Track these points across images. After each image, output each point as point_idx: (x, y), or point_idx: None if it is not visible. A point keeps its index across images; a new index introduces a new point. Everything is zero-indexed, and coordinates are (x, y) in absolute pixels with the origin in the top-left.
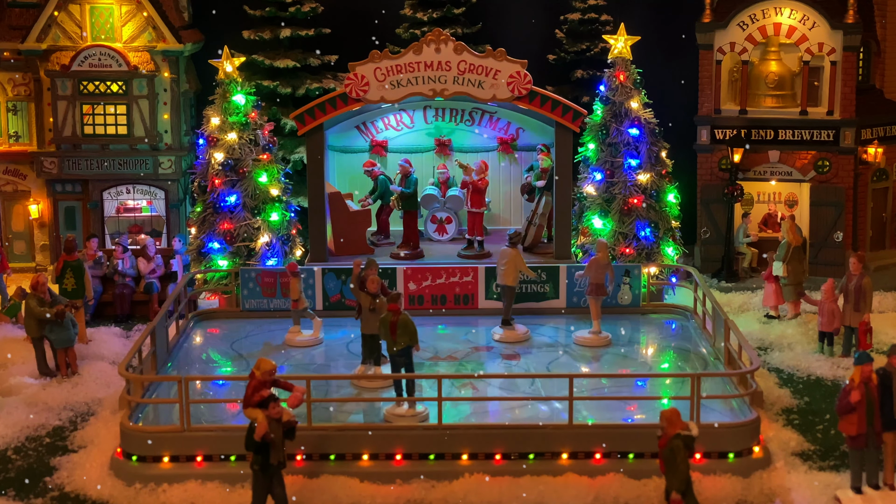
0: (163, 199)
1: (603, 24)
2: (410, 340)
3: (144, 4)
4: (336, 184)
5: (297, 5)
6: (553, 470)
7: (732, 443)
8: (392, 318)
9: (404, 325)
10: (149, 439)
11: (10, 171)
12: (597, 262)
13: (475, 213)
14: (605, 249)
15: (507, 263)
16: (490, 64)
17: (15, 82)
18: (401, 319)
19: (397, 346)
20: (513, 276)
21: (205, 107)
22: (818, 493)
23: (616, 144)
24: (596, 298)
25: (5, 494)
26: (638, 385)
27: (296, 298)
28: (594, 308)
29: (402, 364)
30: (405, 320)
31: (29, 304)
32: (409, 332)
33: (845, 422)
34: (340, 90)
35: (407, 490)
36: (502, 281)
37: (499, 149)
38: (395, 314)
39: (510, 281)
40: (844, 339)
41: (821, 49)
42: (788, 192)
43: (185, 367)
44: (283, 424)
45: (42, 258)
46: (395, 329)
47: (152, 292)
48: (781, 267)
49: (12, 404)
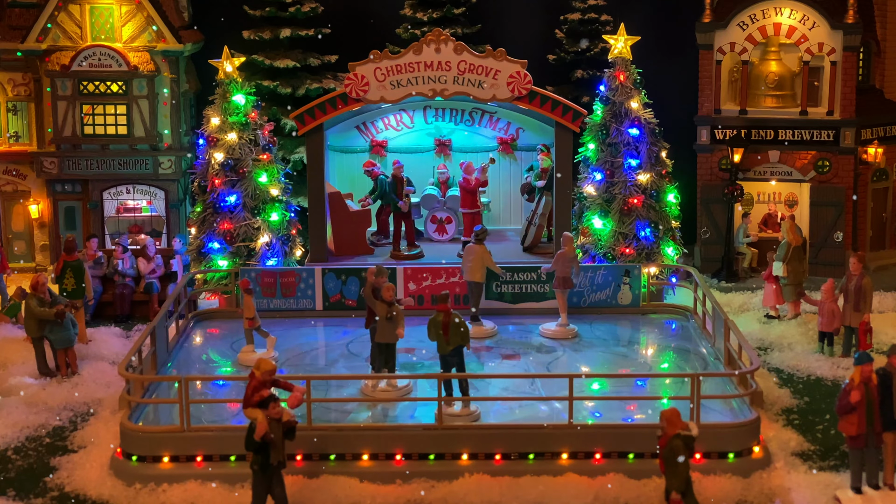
0: (163, 199)
1: (603, 24)
2: (462, 340)
3: (144, 4)
4: (336, 184)
5: (297, 5)
6: (553, 470)
7: (732, 443)
8: (444, 318)
9: (456, 324)
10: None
11: (10, 171)
12: (563, 256)
13: (466, 213)
14: (570, 243)
15: (472, 260)
16: (490, 64)
17: (15, 82)
18: (453, 319)
19: (451, 345)
20: (479, 272)
21: (205, 107)
22: (818, 493)
23: (616, 144)
24: (563, 291)
25: (5, 494)
26: (638, 385)
27: (250, 316)
28: (561, 301)
29: (454, 364)
30: (457, 320)
31: (29, 304)
32: (460, 332)
33: (845, 422)
34: (340, 90)
35: (407, 490)
36: (469, 277)
37: (499, 149)
38: (447, 314)
39: (477, 277)
40: (844, 339)
41: (821, 49)
42: (788, 192)
43: (185, 367)
44: (283, 424)
45: (42, 258)
46: (447, 329)
47: (152, 292)
48: (781, 267)
49: (12, 404)
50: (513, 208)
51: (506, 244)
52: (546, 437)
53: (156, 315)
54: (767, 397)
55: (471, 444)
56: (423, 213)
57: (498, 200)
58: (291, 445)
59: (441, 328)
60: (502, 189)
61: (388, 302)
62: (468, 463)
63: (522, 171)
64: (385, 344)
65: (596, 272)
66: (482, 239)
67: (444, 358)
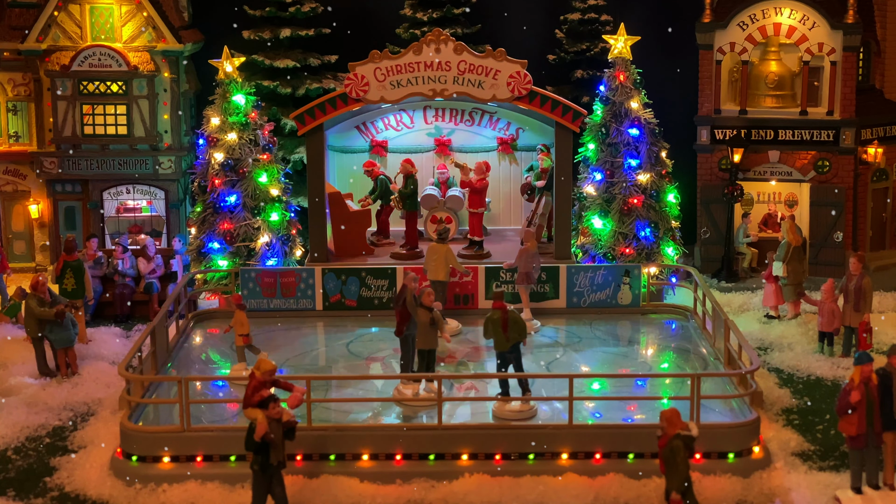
0: (163, 199)
1: (603, 24)
2: (519, 335)
3: (144, 4)
4: (336, 184)
5: (297, 5)
6: (553, 470)
7: (732, 443)
8: (502, 314)
9: (514, 320)
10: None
11: (10, 171)
12: (526, 252)
13: (473, 213)
14: (532, 239)
15: (436, 260)
16: (490, 64)
17: (15, 82)
18: (511, 315)
19: (511, 341)
20: (443, 271)
21: (205, 107)
22: (818, 493)
23: (616, 144)
24: (525, 287)
25: (5, 494)
26: (638, 385)
27: (244, 333)
28: (524, 296)
29: (512, 360)
30: (514, 316)
31: (29, 304)
32: (519, 327)
33: (845, 422)
34: (340, 90)
35: (407, 490)
36: (432, 277)
37: (499, 149)
38: (504, 310)
39: (441, 276)
40: (844, 339)
41: (821, 49)
42: (788, 192)
43: (185, 368)
44: (283, 424)
45: (42, 258)
46: (506, 325)
47: (152, 292)
48: (781, 267)
49: (12, 404)
50: (513, 208)
51: (505, 244)
52: (546, 437)
53: (156, 315)
54: (767, 397)
55: (471, 444)
56: (423, 213)
57: (498, 200)
58: (291, 445)
59: (500, 325)
60: (502, 189)
61: (429, 307)
62: (468, 463)
63: (522, 171)
64: (427, 350)
65: (596, 272)
66: (445, 238)
67: (502, 355)
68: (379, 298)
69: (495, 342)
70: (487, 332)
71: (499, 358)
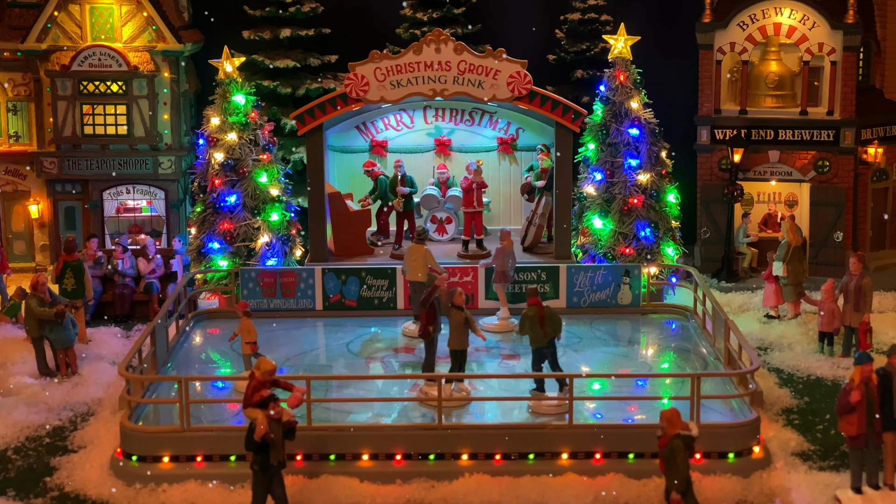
0: (163, 199)
1: (603, 24)
2: (555, 331)
3: (144, 4)
4: (336, 184)
5: (297, 5)
6: (553, 470)
7: (732, 443)
8: (538, 311)
9: (550, 315)
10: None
11: (10, 171)
12: (502, 251)
13: (467, 213)
14: (508, 238)
15: (413, 260)
16: (490, 64)
17: (15, 82)
18: (547, 311)
19: (548, 337)
20: (421, 272)
21: (205, 107)
22: (818, 493)
23: (616, 144)
24: (502, 286)
25: (5, 494)
26: (638, 385)
27: (251, 340)
28: (500, 295)
29: (549, 355)
30: (550, 311)
31: (29, 304)
32: (555, 322)
33: (845, 422)
34: (340, 90)
35: (407, 490)
36: (411, 277)
37: (499, 149)
38: (540, 306)
39: (419, 277)
40: (844, 339)
41: (821, 49)
42: (788, 192)
43: (185, 367)
44: (283, 424)
45: (42, 258)
46: (544, 321)
47: (152, 292)
48: (781, 267)
49: (12, 404)
50: (513, 208)
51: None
52: (546, 437)
53: (156, 315)
54: (767, 397)
55: (471, 444)
56: (423, 213)
57: (498, 200)
58: (291, 445)
59: (538, 321)
60: (502, 189)
61: (460, 307)
62: (468, 463)
63: (522, 171)
64: (460, 350)
65: (596, 272)
66: (423, 239)
67: (538, 351)
68: (379, 298)
69: (532, 338)
70: (524, 329)
71: (535, 354)
